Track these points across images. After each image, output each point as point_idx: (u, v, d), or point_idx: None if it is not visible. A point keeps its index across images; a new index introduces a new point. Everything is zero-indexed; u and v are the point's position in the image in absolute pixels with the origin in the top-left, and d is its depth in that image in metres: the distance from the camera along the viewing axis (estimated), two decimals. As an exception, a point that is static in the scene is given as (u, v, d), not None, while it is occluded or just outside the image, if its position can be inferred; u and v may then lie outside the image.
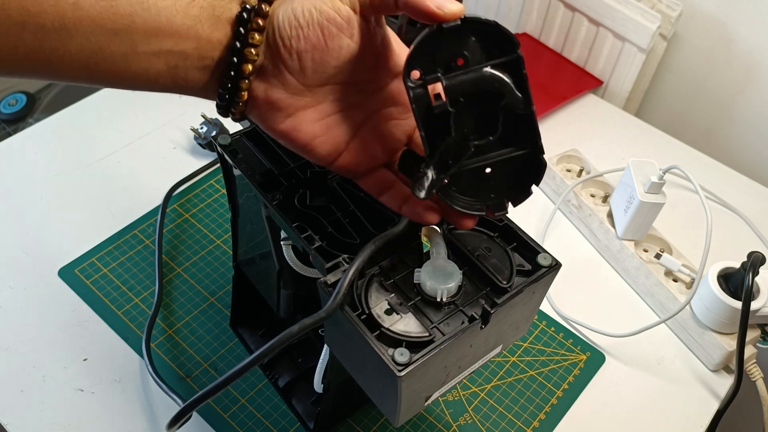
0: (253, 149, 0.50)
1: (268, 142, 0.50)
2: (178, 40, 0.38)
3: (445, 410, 0.62)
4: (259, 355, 0.40)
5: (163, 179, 0.77)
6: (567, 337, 0.69)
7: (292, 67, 0.39)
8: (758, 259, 0.61)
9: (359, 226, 0.46)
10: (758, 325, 0.66)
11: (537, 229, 0.78)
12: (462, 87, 0.37)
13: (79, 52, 0.37)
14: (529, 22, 1.01)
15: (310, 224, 0.45)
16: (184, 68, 0.39)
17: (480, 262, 0.44)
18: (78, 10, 0.35)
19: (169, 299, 0.68)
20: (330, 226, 0.46)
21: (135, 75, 0.39)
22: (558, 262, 0.44)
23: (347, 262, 0.43)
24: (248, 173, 0.48)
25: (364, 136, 0.43)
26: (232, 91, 0.40)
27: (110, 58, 0.37)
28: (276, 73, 0.40)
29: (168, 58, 0.38)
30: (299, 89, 0.40)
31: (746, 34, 0.87)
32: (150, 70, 0.38)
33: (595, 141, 0.88)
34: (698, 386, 0.66)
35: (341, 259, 0.43)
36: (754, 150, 0.93)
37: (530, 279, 0.43)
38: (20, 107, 1.23)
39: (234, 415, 0.60)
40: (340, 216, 0.46)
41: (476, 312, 0.42)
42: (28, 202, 0.75)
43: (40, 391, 0.60)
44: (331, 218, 0.46)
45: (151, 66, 0.38)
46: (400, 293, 0.43)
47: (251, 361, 0.40)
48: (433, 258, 0.43)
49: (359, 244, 0.44)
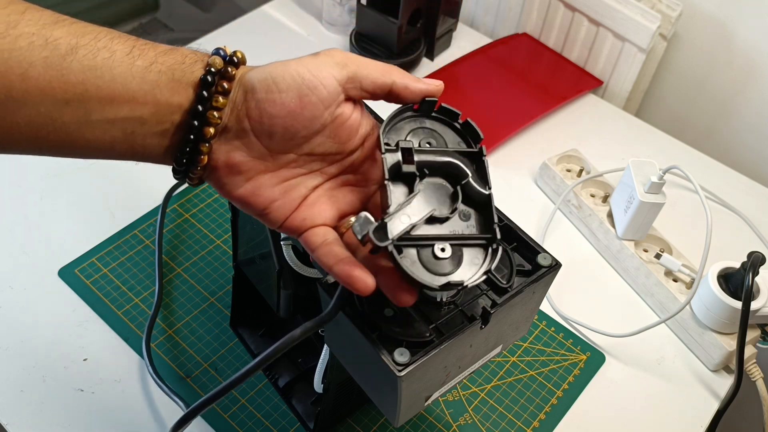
0: None
1: None
2: (134, 106, 0.37)
3: (445, 410, 0.62)
4: (263, 360, 0.40)
5: (163, 179, 0.77)
6: (567, 337, 0.69)
7: (260, 131, 0.38)
8: (758, 259, 0.61)
9: None
10: (758, 325, 0.66)
11: (537, 229, 0.78)
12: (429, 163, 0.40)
13: (28, 123, 0.35)
14: (529, 22, 1.01)
15: None
16: (142, 134, 0.38)
17: None
18: (26, 80, 0.34)
19: (169, 299, 0.68)
20: None
21: (89, 144, 0.37)
22: (558, 262, 0.44)
23: None
24: None
25: (317, 198, 0.42)
26: (191, 155, 0.39)
27: (62, 128, 0.36)
28: (241, 135, 0.39)
29: (124, 125, 0.37)
30: (262, 153, 0.39)
31: (746, 34, 0.87)
32: (105, 138, 0.37)
33: (595, 141, 0.88)
34: (698, 386, 0.66)
35: None
36: (754, 150, 0.93)
37: (530, 279, 0.43)
38: (20, 107, 1.23)
39: (234, 415, 0.60)
40: None
41: (476, 312, 0.42)
42: (28, 202, 0.75)
43: (40, 391, 0.60)
44: None
45: (106, 134, 0.37)
46: None
47: (255, 365, 0.40)
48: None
49: None
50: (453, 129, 0.42)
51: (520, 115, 0.89)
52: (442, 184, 0.40)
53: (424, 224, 0.38)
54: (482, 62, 0.97)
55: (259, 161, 0.40)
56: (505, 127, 0.87)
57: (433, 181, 0.40)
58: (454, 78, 0.94)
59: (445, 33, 0.97)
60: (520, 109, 0.90)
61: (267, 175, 0.40)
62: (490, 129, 0.87)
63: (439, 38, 0.96)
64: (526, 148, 0.86)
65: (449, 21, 0.97)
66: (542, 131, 0.89)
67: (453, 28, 0.99)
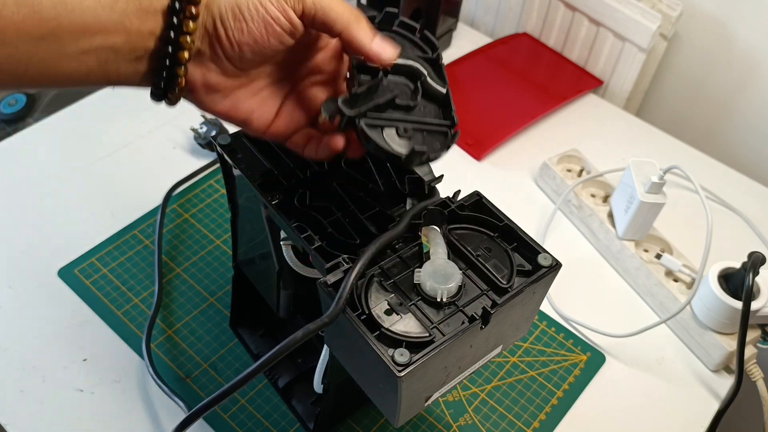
0: (253, 149, 0.50)
1: (268, 142, 0.50)
2: (107, 36, 0.38)
3: (445, 410, 0.62)
4: (264, 363, 0.40)
5: (163, 179, 0.77)
6: (567, 337, 0.69)
7: (232, 56, 0.41)
8: (758, 259, 0.61)
9: (359, 227, 0.46)
10: (758, 325, 0.66)
11: (537, 229, 0.78)
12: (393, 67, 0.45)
13: (7, 61, 0.36)
14: (529, 22, 1.01)
15: (310, 224, 0.45)
16: (116, 62, 0.40)
17: (480, 262, 0.44)
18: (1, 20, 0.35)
19: (169, 299, 0.68)
20: (330, 226, 0.46)
21: (66, 75, 0.39)
22: (558, 262, 0.44)
23: (347, 262, 0.43)
24: (248, 173, 0.48)
25: (291, 104, 0.46)
26: (168, 80, 0.41)
27: (39, 63, 0.37)
28: (214, 59, 0.42)
29: (98, 55, 0.39)
30: (236, 72, 0.43)
31: (746, 34, 0.87)
32: (81, 68, 0.39)
33: (595, 141, 0.88)
34: (698, 386, 0.66)
35: (341, 260, 0.43)
36: (754, 150, 0.93)
37: (530, 279, 0.43)
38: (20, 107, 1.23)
39: (234, 415, 0.60)
40: (340, 216, 0.46)
41: (476, 312, 0.42)
42: (28, 202, 0.75)
43: (40, 391, 0.60)
44: (331, 218, 0.46)
45: (82, 65, 0.39)
46: (400, 293, 0.43)
47: (256, 368, 0.40)
48: (433, 258, 0.43)
49: (359, 244, 0.44)
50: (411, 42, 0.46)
51: (520, 115, 0.89)
52: (404, 82, 0.45)
53: (390, 110, 0.43)
54: (482, 62, 0.97)
55: (233, 79, 0.43)
56: (505, 127, 0.87)
57: (396, 79, 0.44)
58: (454, 78, 0.94)
59: (445, 33, 0.97)
60: (520, 109, 0.90)
61: (242, 90, 0.44)
62: (490, 129, 0.87)
63: (439, 38, 0.96)
64: (526, 148, 0.86)
65: (449, 21, 0.97)
66: (542, 131, 0.89)
67: (453, 27, 0.99)
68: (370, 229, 0.46)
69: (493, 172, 0.84)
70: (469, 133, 0.86)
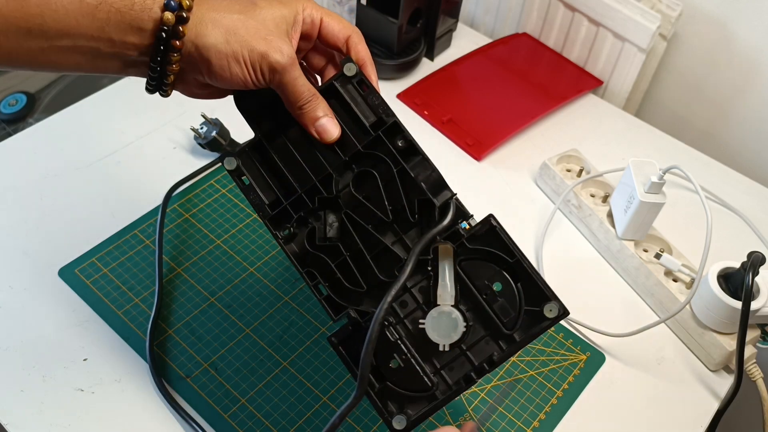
0: (259, 165, 0.51)
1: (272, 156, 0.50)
2: (89, 40, 0.40)
3: (445, 410, 0.62)
4: None
5: (163, 179, 0.77)
6: (567, 337, 0.69)
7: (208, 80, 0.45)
8: (758, 259, 0.61)
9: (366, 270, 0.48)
10: (758, 325, 0.66)
11: (537, 229, 0.78)
12: None
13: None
14: (529, 22, 1.01)
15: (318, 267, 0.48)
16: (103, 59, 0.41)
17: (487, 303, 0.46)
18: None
19: (169, 299, 0.68)
20: (338, 270, 0.48)
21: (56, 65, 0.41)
22: (566, 311, 0.45)
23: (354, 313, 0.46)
24: (256, 203, 0.50)
25: None
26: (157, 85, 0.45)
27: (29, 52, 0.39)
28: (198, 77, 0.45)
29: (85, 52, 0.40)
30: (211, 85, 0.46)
31: (746, 34, 0.87)
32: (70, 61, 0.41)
33: (595, 141, 0.88)
34: (698, 386, 0.66)
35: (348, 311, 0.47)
36: (754, 150, 0.93)
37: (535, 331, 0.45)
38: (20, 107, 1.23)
39: (234, 415, 0.60)
40: (347, 257, 0.48)
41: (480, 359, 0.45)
42: (28, 202, 0.75)
43: (40, 391, 0.60)
44: (338, 260, 0.48)
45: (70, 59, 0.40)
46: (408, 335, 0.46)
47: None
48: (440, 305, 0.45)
49: (365, 292, 0.47)
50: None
51: (520, 115, 0.89)
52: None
53: None
54: (482, 62, 0.97)
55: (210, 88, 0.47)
56: (505, 127, 0.87)
57: None
58: (454, 78, 0.94)
59: (445, 33, 0.97)
60: (520, 109, 0.90)
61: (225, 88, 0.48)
62: (490, 129, 0.87)
63: (439, 38, 0.96)
64: (526, 148, 0.86)
65: (449, 21, 0.97)
66: (542, 131, 0.89)
67: (453, 28, 0.99)
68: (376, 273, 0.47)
69: (492, 172, 0.84)
70: (469, 133, 0.86)
